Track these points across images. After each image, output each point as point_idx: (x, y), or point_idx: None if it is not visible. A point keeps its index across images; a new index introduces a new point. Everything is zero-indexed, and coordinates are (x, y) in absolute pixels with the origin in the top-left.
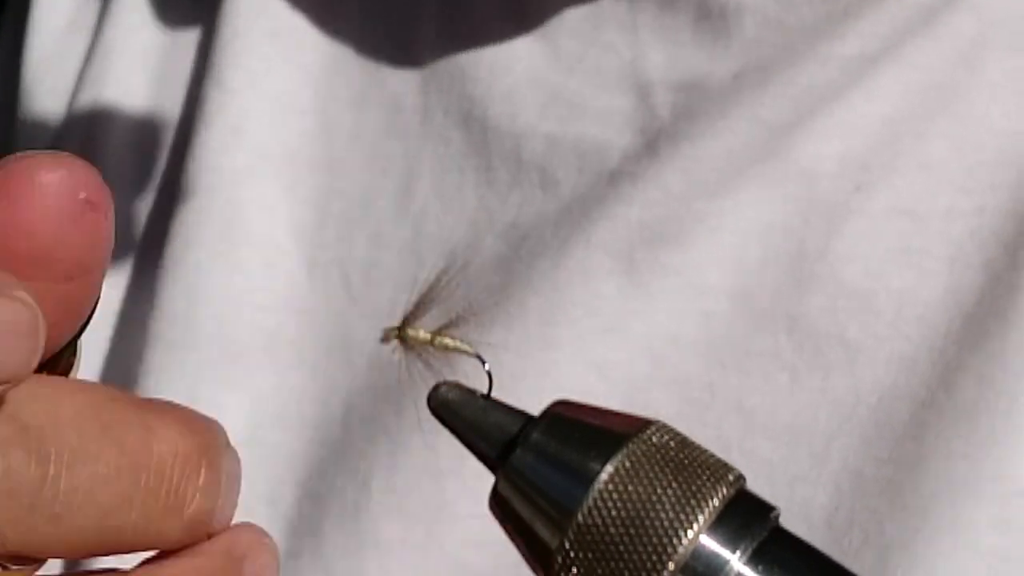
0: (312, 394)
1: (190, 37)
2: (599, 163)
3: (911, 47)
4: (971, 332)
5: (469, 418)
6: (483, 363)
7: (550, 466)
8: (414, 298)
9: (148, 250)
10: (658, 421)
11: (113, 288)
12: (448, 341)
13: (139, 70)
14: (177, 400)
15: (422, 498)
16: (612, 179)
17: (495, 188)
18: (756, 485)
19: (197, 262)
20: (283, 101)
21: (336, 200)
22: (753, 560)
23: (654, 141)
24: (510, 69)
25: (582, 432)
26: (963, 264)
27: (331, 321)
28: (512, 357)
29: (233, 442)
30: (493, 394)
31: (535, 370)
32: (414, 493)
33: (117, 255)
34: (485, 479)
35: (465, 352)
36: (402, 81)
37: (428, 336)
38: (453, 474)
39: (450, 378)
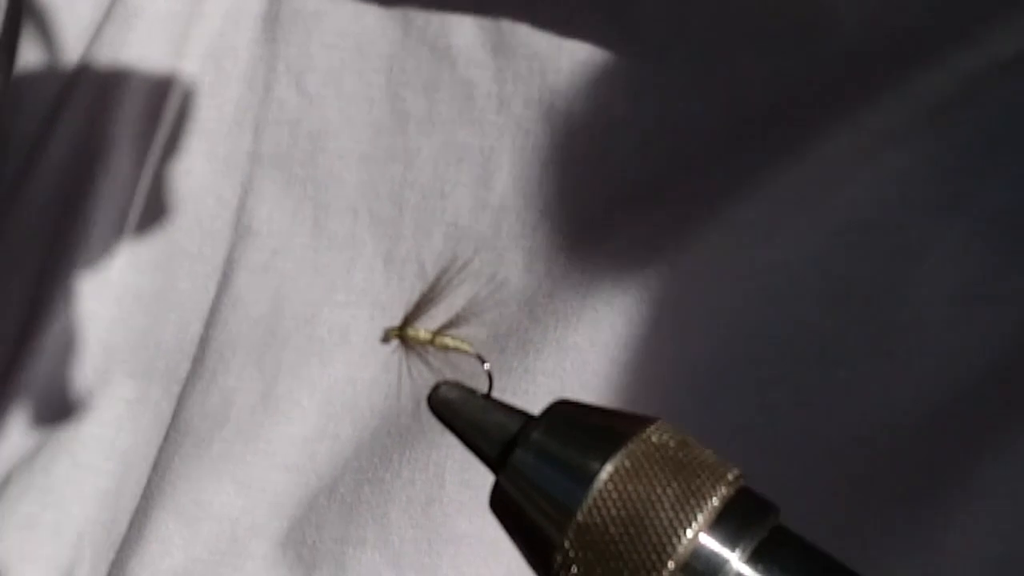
0: (384, 386)
1: (220, 7)
2: (677, 147)
3: None
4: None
5: (469, 417)
6: (483, 362)
7: (550, 465)
8: (415, 297)
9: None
10: (659, 420)
11: (188, 277)
12: (448, 340)
13: (165, 38)
14: (253, 398)
15: None
16: (707, 174)
17: (579, 186)
18: None
19: (283, 270)
20: (359, 96)
21: (411, 191)
22: (753, 558)
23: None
24: (591, 60)
25: (582, 431)
26: None
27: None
28: (595, 352)
29: (305, 436)
30: (492, 394)
31: (616, 367)
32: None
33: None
34: None
35: (464, 351)
36: (474, 64)
37: (429, 335)
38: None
39: (451, 378)
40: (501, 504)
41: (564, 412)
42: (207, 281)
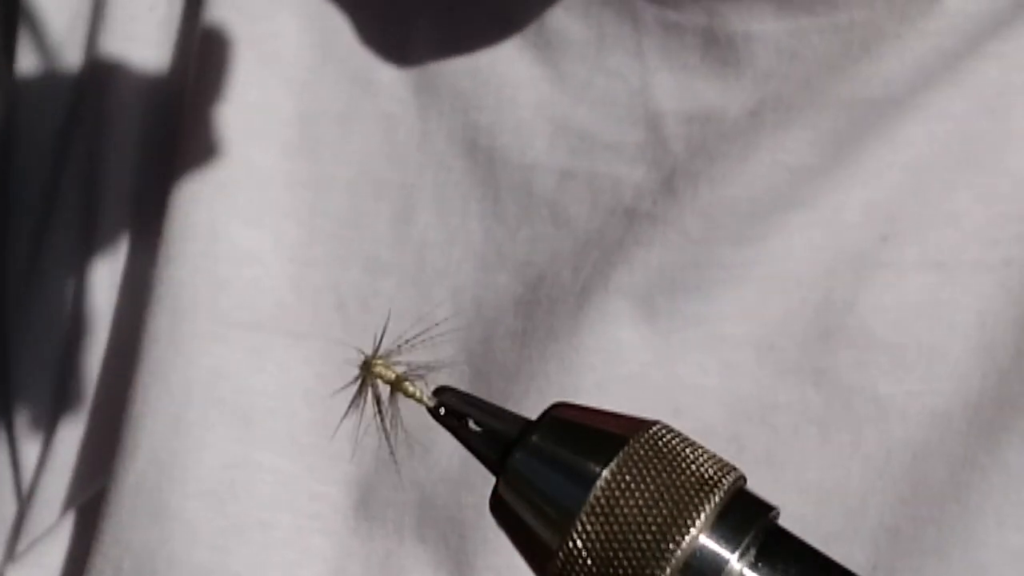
0: (306, 419)
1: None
2: (613, 199)
3: (935, 94)
4: (1008, 390)
5: (470, 420)
6: (435, 417)
7: (550, 468)
8: (399, 338)
9: (140, 252)
10: (659, 422)
11: (108, 290)
12: (409, 387)
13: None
14: (160, 427)
15: None
16: (629, 218)
17: (504, 222)
18: None
19: (180, 280)
20: (264, 112)
21: (324, 219)
22: (753, 560)
23: (670, 179)
24: (517, 97)
25: (582, 433)
26: (994, 318)
27: (325, 347)
28: (532, 404)
29: (223, 463)
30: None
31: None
32: None
33: (114, 258)
34: None
35: (422, 403)
36: (395, 100)
37: (393, 376)
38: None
39: (399, 421)
40: (501, 507)
41: (563, 414)
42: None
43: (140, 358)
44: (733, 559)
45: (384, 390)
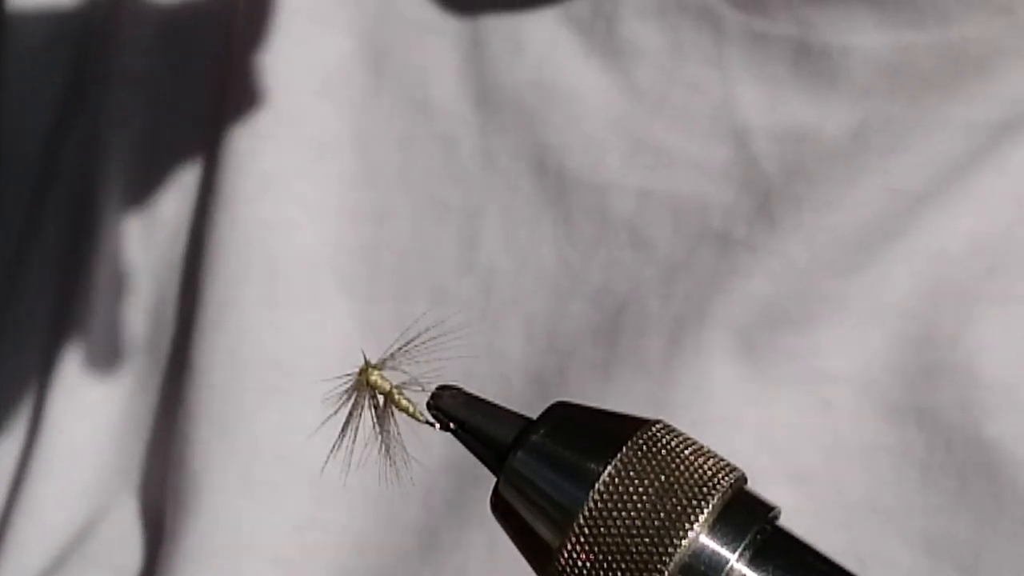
0: (372, 468)
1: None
2: (700, 223)
3: None
4: None
5: (470, 420)
6: (434, 426)
7: (551, 467)
8: (394, 346)
9: (163, 291)
10: (660, 421)
11: (141, 355)
12: (404, 401)
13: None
14: (225, 483)
15: None
16: (723, 245)
17: (578, 246)
18: None
19: (238, 327)
20: (320, 142)
21: (387, 251)
22: (754, 560)
23: (766, 203)
24: (586, 111)
25: (582, 433)
26: None
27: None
28: None
29: (295, 525)
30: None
31: None
32: None
33: (117, 296)
34: None
35: (414, 417)
36: (456, 119)
37: (388, 387)
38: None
39: (388, 434)
40: (502, 506)
41: (564, 414)
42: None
43: (191, 406)
44: (733, 559)
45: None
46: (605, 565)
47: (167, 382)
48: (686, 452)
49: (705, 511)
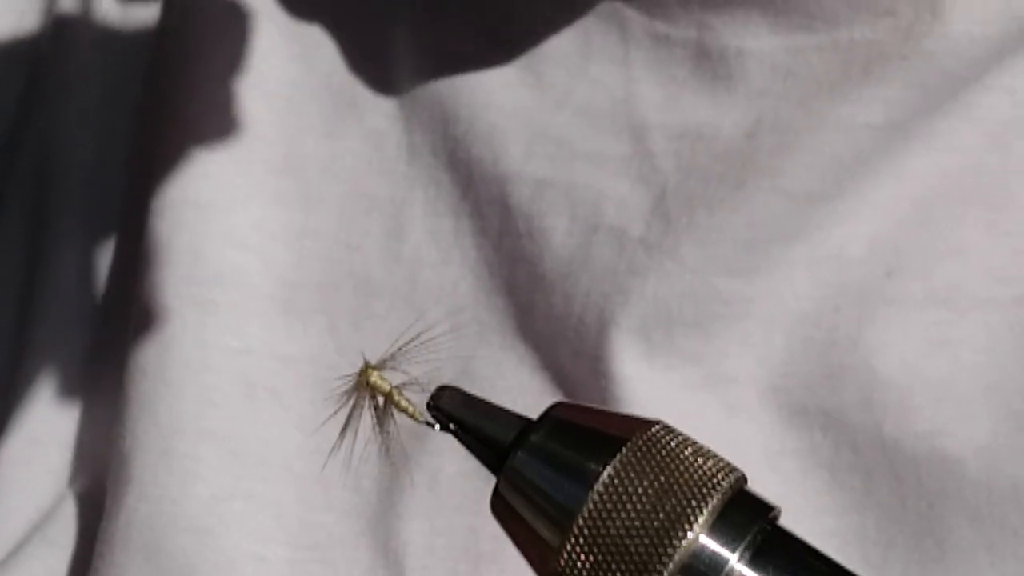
0: (299, 446)
1: (133, 53)
2: (593, 214)
3: (942, 124)
4: (1022, 434)
5: (471, 420)
6: (431, 426)
7: (551, 467)
8: (393, 347)
9: (111, 293)
10: (660, 421)
11: (78, 343)
12: (404, 401)
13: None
14: (150, 462)
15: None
16: (620, 244)
17: (489, 237)
18: None
19: (165, 307)
20: (248, 129)
21: (313, 239)
22: (753, 560)
23: (662, 201)
24: (491, 104)
25: (582, 433)
26: (1004, 357)
27: (317, 371)
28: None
29: (213, 495)
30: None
31: None
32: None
33: (77, 304)
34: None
35: (414, 418)
36: (382, 114)
37: (388, 387)
38: (492, 561)
39: (389, 435)
40: (502, 507)
41: (564, 414)
42: None
43: (127, 390)
44: (733, 559)
45: (381, 401)
46: (605, 565)
47: (115, 369)
48: (686, 452)
49: (705, 511)
